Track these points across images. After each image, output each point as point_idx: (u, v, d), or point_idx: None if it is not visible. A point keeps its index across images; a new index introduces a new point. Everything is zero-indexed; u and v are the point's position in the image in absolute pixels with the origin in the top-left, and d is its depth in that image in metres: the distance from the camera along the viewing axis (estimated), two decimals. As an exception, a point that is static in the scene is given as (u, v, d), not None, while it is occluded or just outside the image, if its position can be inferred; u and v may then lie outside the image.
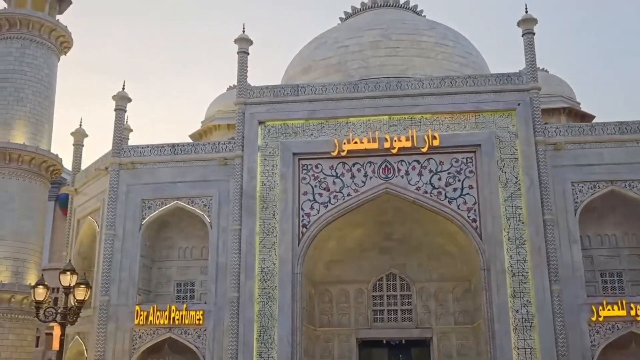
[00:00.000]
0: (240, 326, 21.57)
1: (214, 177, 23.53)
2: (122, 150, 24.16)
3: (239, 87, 24.16)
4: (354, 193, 22.62)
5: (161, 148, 24.16)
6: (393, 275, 25.17)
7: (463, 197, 22.11)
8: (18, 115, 23.07)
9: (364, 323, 24.83)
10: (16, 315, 21.37)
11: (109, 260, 22.90)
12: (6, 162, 22.33)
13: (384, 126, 23.11)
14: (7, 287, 21.09)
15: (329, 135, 23.19)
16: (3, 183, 22.23)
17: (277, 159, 23.13)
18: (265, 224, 22.55)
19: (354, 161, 22.88)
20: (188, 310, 22.20)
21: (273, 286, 21.94)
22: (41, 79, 24.29)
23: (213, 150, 23.81)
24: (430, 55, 31.36)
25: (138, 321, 22.26)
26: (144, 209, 23.60)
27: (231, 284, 22.05)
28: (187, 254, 24.46)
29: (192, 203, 23.42)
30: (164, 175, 23.79)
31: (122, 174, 23.90)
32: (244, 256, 22.22)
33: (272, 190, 22.89)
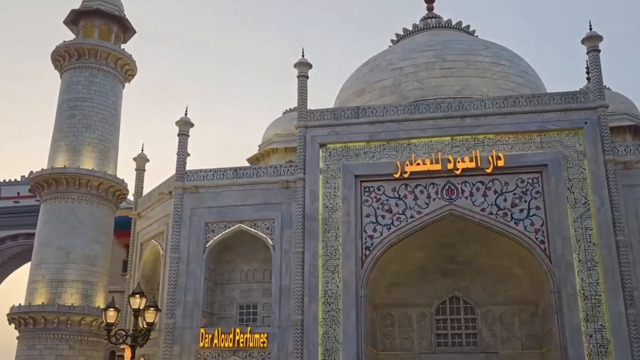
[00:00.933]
0: (305, 349, 21.47)
1: (276, 200, 23.69)
2: (186, 174, 24.59)
3: (300, 111, 24.37)
4: (417, 215, 22.42)
5: (224, 172, 24.50)
6: (456, 299, 24.74)
7: (530, 219, 21.65)
8: (87, 141, 23.79)
9: (427, 347, 24.41)
10: (86, 337, 21.78)
11: (174, 283, 23.19)
12: (76, 187, 22.98)
13: (446, 147, 22.91)
14: (78, 310, 21.54)
15: (390, 157, 23.12)
16: (73, 207, 22.86)
17: (339, 181, 23.14)
18: (328, 246, 22.51)
19: (416, 183, 22.72)
20: (252, 333, 22.25)
21: (337, 309, 21.81)
22: (108, 106, 25.06)
23: (275, 174, 24.02)
24: (487, 75, 31.07)
25: (203, 344, 22.40)
26: (208, 232, 23.89)
27: (295, 306, 22.02)
28: (250, 277, 24.57)
29: (254, 226, 23.60)
30: (226, 199, 24.07)
31: (186, 198, 24.29)
32: (307, 279, 22.19)
33: (334, 212, 22.88)
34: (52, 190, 23.03)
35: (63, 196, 22.85)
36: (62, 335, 21.31)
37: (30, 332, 21.31)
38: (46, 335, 21.18)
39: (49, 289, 21.76)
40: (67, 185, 22.83)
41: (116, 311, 19.49)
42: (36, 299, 21.71)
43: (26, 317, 21.28)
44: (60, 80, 26.58)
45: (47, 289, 21.77)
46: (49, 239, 22.40)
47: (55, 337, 21.21)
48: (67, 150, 23.49)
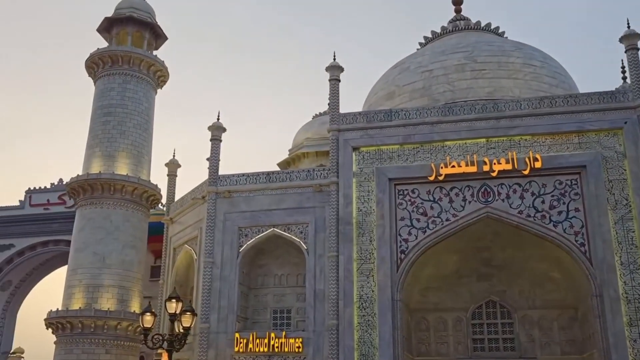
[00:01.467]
0: (341, 354, 21.28)
1: (309, 204, 23.62)
2: (219, 179, 24.64)
3: (332, 114, 24.28)
4: (452, 218, 22.13)
5: (256, 176, 24.51)
6: (493, 303, 24.32)
7: (569, 221, 21.23)
8: (121, 147, 23.98)
9: (463, 352, 24.02)
10: (122, 342, 21.87)
11: (208, 287, 23.20)
12: (111, 192, 23.15)
13: (482, 149, 22.61)
14: (114, 315, 21.65)
15: (424, 160, 22.89)
16: (108, 213, 23.03)
17: (373, 184, 22.97)
18: (363, 250, 22.33)
19: (451, 185, 22.44)
20: (287, 338, 22.15)
21: (372, 314, 21.60)
22: (141, 112, 25.25)
23: (308, 178, 23.95)
24: (519, 77, 30.64)
25: (238, 348, 22.36)
26: (241, 237, 23.89)
27: (330, 311, 21.87)
28: (283, 281, 24.48)
29: (288, 230, 23.53)
30: (259, 203, 24.06)
31: (219, 203, 24.33)
32: (341, 283, 22.03)
33: (368, 216, 22.70)
34: (87, 196, 23.24)
35: (98, 202, 23.04)
36: (98, 339, 21.43)
37: (68, 337, 21.47)
38: (83, 339, 21.33)
39: (85, 294, 21.92)
40: (102, 190, 23.02)
41: (153, 316, 19.53)
42: (73, 303, 21.88)
43: (64, 321, 21.46)
44: (94, 87, 26.90)
45: (83, 293, 21.94)
46: (85, 244, 22.58)
47: (92, 342, 21.34)
48: (102, 156, 23.70)
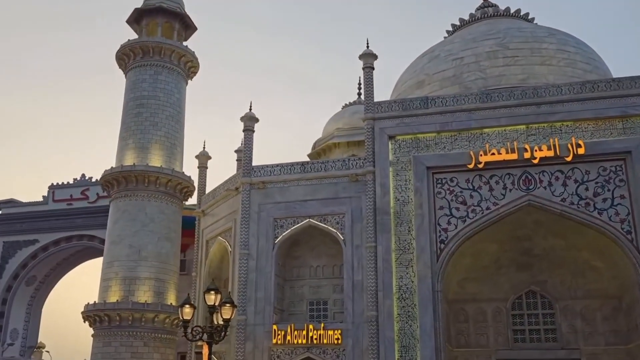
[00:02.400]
0: (381, 346, 20.96)
1: (345, 194, 23.27)
2: (253, 170, 24.36)
3: (367, 103, 23.88)
4: (493, 206, 21.66)
5: (291, 167, 24.21)
6: (533, 293, 23.84)
7: (614, 208, 20.66)
8: (154, 139, 23.77)
9: (503, 343, 23.59)
10: (159, 335, 21.72)
11: (244, 279, 22.97)
12: (145, 184, 22.95)
13: (521, 136, 22.09)
14: (151, 307, 21.49)
15: (463, 148, 22.42)
16: (142, 205, 22.85)
17: (410, 173, 22.56)
18: (401, 240, 21.95)
19: (491, 173, 21.96)
20: (326, 330, 21.85)
21: (412, 304, 21.23)
22: (173, 104, 25.01)
23: (343, 167, 23.59)
24: (552, 63, 30.00)
25: (276, 340, 22.11)
26: (277, 228, 23.61)
27: (369, 302, 21.54)
28: (319, 273, 24.19)
29: (324, 221, 23.21)
30: (294, 194, 23.76)
31: (254, 194, 24.06)
32: (380, 274, 21.67)
33: (406, 205, 22.30)
34: (121, 188, 23.07)
35: (133, 194, 22.86)
36: (136, 332, 21.30)
37: (106, 330, 21.35)
38: (121, 332, 21.20)
39: (122, 287, 21.77)
40: (136, 182, 22.83)
41: (192, 308, 19.37)
42: (110, 296, 21.76)
43: (101, 314, 21.34)
44: (125, 79, 26.70)
45: (120, 286, 21.79)
46: (121, 237, 22.42)
47: (130, 335, 21.21)
48: (135, 148, 23.50)
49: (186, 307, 19.30)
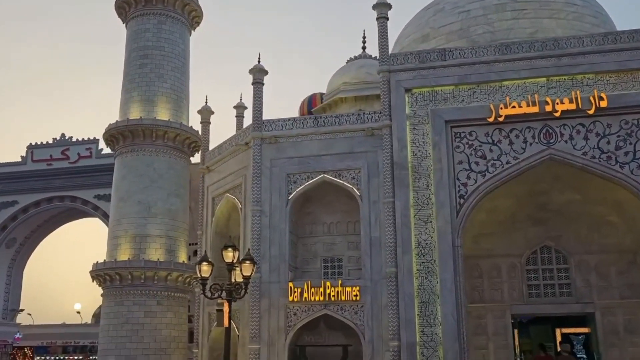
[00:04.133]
0: (401, 302, 20.68)
1: (360, 148, 22.66)
2: (263, 124, 23.54)
3: (382, 54, 23.09)
4: (513, 160, 21.28)
5: (303, 120, 23.47)
6: (547, 248, 23.74)
7: (637, 162, 20.40)
8: (160, 91, 22.71)
9: (518, 298, 23.56)
10: (172, 293, 21.13)
11: (258, 237, 22.39)
12: (153, 139, 22.01)
13: (542, 88, 21.60)
14: (164, 265, 20.83)
15: (482, 101, 21.88)
16: (150, 160, 21.94)
17: (428, 127, 22.00)
18: (419, 195, 21.50)
19: (511, 127, 21.50)
20: (344, 286, 21.49)
21: (432, 260, 20.92)
22: (178, 55, 23.85)
23: (358, 121, 22.93)
24: (561, 16, 29.32)
25: (292, 298, 21.71)
26: (290, 184, 22.97)
27: (387, 258, 21.19)
28: (333, 229, 23.70)
29: (339, 176, 22.63)
30: (308, 149, 23.07)
31: (265, 149, 23.31)
32: (399, 230, 21.27)
33: (424, 160, 21.80)
34: (127, 143, 22.08)
35: (140, 149, 21.90)
36: (149, 291, 20.68)
37: (117, 289, 20.67)
38: (134, 291, 20.55)
39: (132, 245, 21.02)
40: (144, 137, 21.88)
41: (210, 265, 18.84)
42: (120, 255, 21.00)
43: (112, 273, 20.62)
44: (126, 29, 25.30)
45: (130, 244, 21.04)
46: (129, 193, 21.55)
47: (143, 293, 20.58)
48: (141, 101, 22.44)
49: (204, 265, 18.79)
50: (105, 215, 58.54)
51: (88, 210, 61.19)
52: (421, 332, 20.40)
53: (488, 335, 23.26)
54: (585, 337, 27.23)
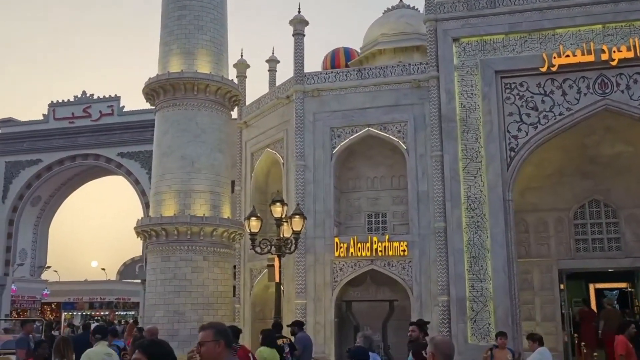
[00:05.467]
0: (450, 257, 20.41)
1: (407, 101, 22.06)
2: (305, 77, 22.93)
3: (427, 3, 22.23)
4: (566, 112, 20.61)
5: (347, 73, 22.84)
6: (596, 202, 23.19)
7: (696, 112, 19.76)
8: (200, 44, 22.05)
9: (565, 253, 23.15)
10: (218, 249, 20.94)
11: (302, 192, 22.05)
12: (194, 93, 21.48)
13: (597, 36, 20.74)
14: (210, 220, 20.58)
15: (534, 50, 21.08)
16: (193, 114, 21.45)
17: (477, 78, 21.30)
18: (468, 148, 20.98)
19: (564, 77, 20.75)
20: (391, 242, 21.21)
21: (481, 214, 20.53)
22: (216, 6, 23.09)
23: (404, 73, 22.26)
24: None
25: (338, 253, 21.49)
26: (333, 138, 22.50)
27: (435, 213, 20.83)
28: (376, 184, 23.30)
29: (384, 130, 22.11)
30: (352, 102, 22.50)
31: (307, 102, 22.76)
32: (447, 184, 20.85)
33: (472, 112, 21.18)
34: (168, 97, 21.58)
35: (181, 103, 21.40)
36: (195, 247, 20.48)
37: (163, 245, 20.51)
38: (180, 247, 20.36)
39: (177, 200, 20.74)
40: (185, 91, 21.34)
41: (259, 220, 18.60)
42: (165, 210, 20.76)
43: (158, 229, 20.42)
44: (162, -22, 24.52)
45: (175, 200, 20.76)
46: (172, 148, 21.16)
47: (190, 249, 20.39)
48: (181, 54, 21.82)
49: (253, 220, 18.55)
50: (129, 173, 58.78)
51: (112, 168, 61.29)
52: (471, 287, 20.16)
53: (534, 290, 22.97)
54: (619, 292, 27.04)
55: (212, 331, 4.94)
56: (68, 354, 10.06)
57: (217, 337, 4.85)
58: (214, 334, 4.91)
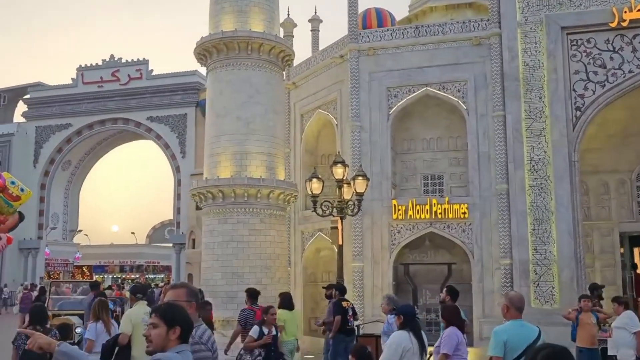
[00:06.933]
0: (513, 219, 19.97)
1: (466, 59, 21.34)
2: (360, 35, 22.24)
3: (489, -44, 21.33)
4: (636, 69, 19.79)
5: (403, 30, 22.11)
6: (661, 163, 22.59)
7: None
8: (252, 2, 21.39)
9: (627, 216, 22.59)
10: (274, 211, 20.65)
11: (358, 153, 21.61)
12: (248, 52, 20.92)
13: (670, -11, 19.82)
14: (267, 182, 20.25)
15: (602, 4, 20.18)
16: (247, 75, 20.93)
17: (541, 34, 20.50)
18: (532, 108, 20.31)
19: (635, 32, 19.88)
20: (451, 204, 20.77)
21: (545, 176, 19.97)
22: (266, -39, 22.32)
23: (464, 30, 21.48)
24: None
25: (396, 216, 21.11)
26: (390, 98, 21.91)
27: (497, 174, 20.32)
28: (433, 145, 22.75)
29: (443, 89, 21.46)
30: (409, 61, 21.82)
31: (362, 61, 22.12)
32: (510, 144, 20.27)
33: (536, 70, 20.45)
34: (222, 57, 21.05)
35: (235, 63, 20.88)
36: (252, 209, 20.21)
37: (220, 207, 20.26)
38: (237, 209, 20.11)
39: (233, 162, 20.41)
40: (239, 50, 20.80)
41: (320, 182, 18.26)
42: (221, 172, 20.46)
43: (215, 191, 20.15)
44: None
45: (231, 161, 20.43)
46: (227, 109, 20.73)
47: (247, 211, 20.13)
48: (233, 12, 21.21)
49: (314, 181, 18.21)
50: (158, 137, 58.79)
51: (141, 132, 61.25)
52: (534, 250, 19.75)
53: (594, 254, 22.51)
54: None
55: (185, 291, 4.81)
56: (103, 315, 10.30)
57: (189, 298, 4.75)
58: (186, 294, 4.78)
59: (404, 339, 7.62)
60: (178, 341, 4.04)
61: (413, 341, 7.64)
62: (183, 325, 4.07)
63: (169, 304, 4.39)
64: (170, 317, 4.05)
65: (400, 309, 8.25)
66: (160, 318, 4.05)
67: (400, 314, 8.02)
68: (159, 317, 4.06)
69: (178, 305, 4.36)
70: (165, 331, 4.01)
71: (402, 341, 7.59)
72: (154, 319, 4.07)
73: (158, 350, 3.99)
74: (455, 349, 8.12)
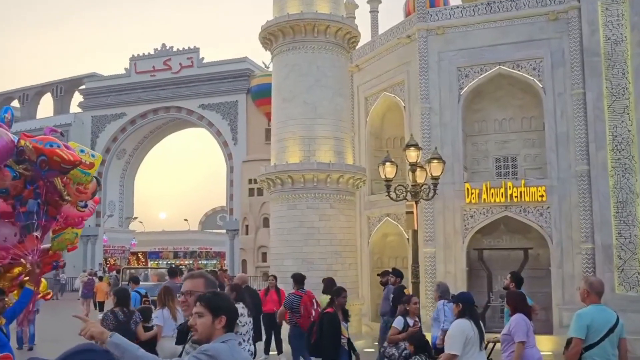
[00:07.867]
0: (594, 201, 19.08)
1: (542, 35, 20.40)
2: (428, 14, 21.53)
3: None
4: None
5: (474, 7, 21.28)
6: None
7: None
8: (316, -18, 20.92)
9: None
10: (343, 196, 20.27)
11: (428, 136, 20.99)
12: (314, 35, 20.48)
13: None
14: (336, 167, 19.86)
15: (691, -28, 19.00)
16: (313, 57, 20.50)
17: (624, 6, 19.40)
18: (614, 85, 19.29)
19: None
20: (527, 187, 19.98)
21: (629, 156, 18.99)
22: (325, -59, 21.78)
23: (539, 4, 20.52)
24: None
25: (469, 199, 20.45)
26: (460, 78, 21.18)
27: (577, 155, 19.42)
28: (505, 126, 21.94)
29: (517, 67, 20.60)
30: (480, 39, 21.02)
31: (431, 41, 21.42)
32: (591, 123, 19.33)
33: (619, 45, 19.39)
34: (287, 40, 20.67)
35: (302, 45, 20.47)
36: (322, 194, 19.86)
37: (289, 192, 19.99)
38: (306, 194, 19.79)
39: (301, 147, 20.08)
40: (305, 33, 20.37)
41: (394, 165, 17.71)
42: (289, 157, 20.16)
43: (284, 176, 19.87)
44: None
45: (299, 146, 20.10)
46: (293, 93, 20.38)
47: (316, 197, 19.80)
48: (297, -6, 20.79)
49: (388, 165, 17.66)
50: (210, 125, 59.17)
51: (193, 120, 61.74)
52: (618, 233, 18.84)
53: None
54: None
55: (203, 280, 4.76)
56: (169, 301, 10.23)
57: (207, 288, 4.66)
58: (204, 284, 4.71)
59: (466, 327, 7.35)
60: (224, 330, 3.99)
61: (474, 329, 7.36)
62: (228, 314, 4.02)
63: (215, 292, 4.25)
64: (215, 306, 3.99)
65: (458, 297, 7.91)
66: (206, 307, 3.97)
67: (459, 302, 7.67)
68: (204, 306, 3.98)
69: (223, 294, 4.29)
70: (210, 320, 3.97)
71: (465, 329, 7.33)
72: (199, 308, 3.99)
73: (204, 340, 3.95)
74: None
